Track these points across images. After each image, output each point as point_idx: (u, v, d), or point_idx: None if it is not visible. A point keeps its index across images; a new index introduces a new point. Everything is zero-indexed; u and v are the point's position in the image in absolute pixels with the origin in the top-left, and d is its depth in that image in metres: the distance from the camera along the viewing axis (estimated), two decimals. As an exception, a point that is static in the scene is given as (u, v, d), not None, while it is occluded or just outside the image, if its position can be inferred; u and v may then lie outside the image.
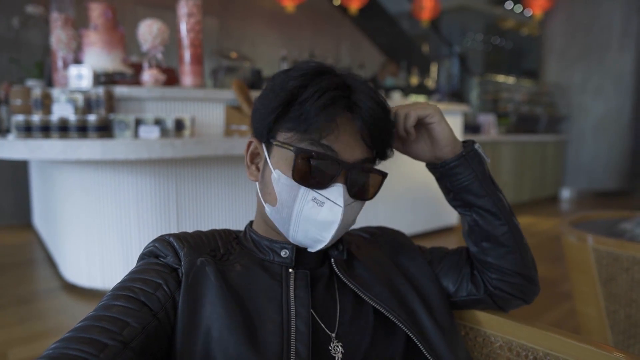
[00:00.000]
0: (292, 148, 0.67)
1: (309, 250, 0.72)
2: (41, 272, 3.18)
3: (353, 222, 0.74)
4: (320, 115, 0.65)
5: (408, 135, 0.76)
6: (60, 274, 2.94)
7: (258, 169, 0.75)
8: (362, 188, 0.71)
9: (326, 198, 0.67)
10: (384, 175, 0.73)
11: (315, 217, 0.67)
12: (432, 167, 0.80)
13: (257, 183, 0.76)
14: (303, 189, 0.68)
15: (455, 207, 0.81)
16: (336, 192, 0.67)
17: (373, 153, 0.72)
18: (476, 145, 0.78)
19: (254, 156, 0.76)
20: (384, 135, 0.71)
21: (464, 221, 0.82)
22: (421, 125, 0.77)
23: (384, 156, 0.75)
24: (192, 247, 0.70)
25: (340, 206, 0.67)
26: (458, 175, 0.76)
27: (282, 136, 0.69)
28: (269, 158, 0.71)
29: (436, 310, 0.78)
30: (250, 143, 0.76)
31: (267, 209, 0.73)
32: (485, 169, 0.78)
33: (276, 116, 0.68)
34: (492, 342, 0.84)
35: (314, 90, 0.66)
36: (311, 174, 0.67)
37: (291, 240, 0.72)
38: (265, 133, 0.71)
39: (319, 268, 0.76)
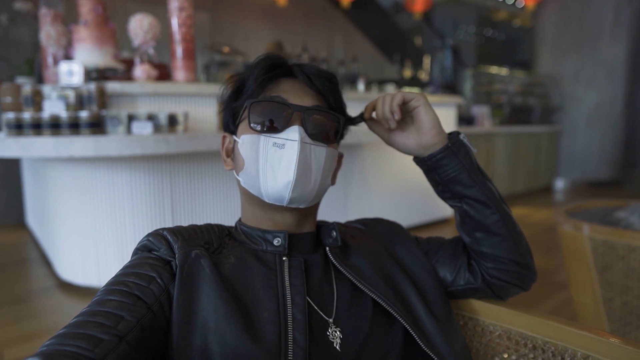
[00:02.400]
0: (245, 105, 0.74)
1: (285, 205, 0.72)
2: (36, 271, 3.15)
3: (322, 172, 0.73)
4: (263, 77, 0.73)
5: (393, 115, 0.76)
6: (55, 273, 2.92)
7: (233, 159, 0.79)
8: (320, 130, 0.73)
9: (284, 139, 0.70)
10: (339, 118, 0.75)
11: (279, 160, 0.70)
12: (419, 160, 0.80)
13: (234, 171, 0.78)
14: (263, 138, 0.71)
15: (445, 199, 0.81)
16: (292, 132, 0.70)
17: (327, 102, 0.76)
18: (461, 136, 0.78)
19: (229, 151, 0.80)
20: (330, 83, 0.76)
21: (455, 213, 0.82)
22: (407, 114, 0.78)
23: (339, 106, 0.78)
24: (186, 240, 0.70)
25: (296, 140, 0.69)
26: (445, 166, 0.76)
27: (241, 113, 0.76)
28: (236, 138, 0.76)
29: (432, 301, 0.78)
30: (223, 138, 0.81)
31: (241, 178, 0.75)
32: (473, 158, 0.78)
33: (232, 97, 0.77)
34: (491, 332, 0.84)
35: (257, 62, 0.75)
36: (265, 120, 0.71)
37: (265, 199, 0.72)
38: (230, 121, 0.78)
39: (313, 255, 0.76)
